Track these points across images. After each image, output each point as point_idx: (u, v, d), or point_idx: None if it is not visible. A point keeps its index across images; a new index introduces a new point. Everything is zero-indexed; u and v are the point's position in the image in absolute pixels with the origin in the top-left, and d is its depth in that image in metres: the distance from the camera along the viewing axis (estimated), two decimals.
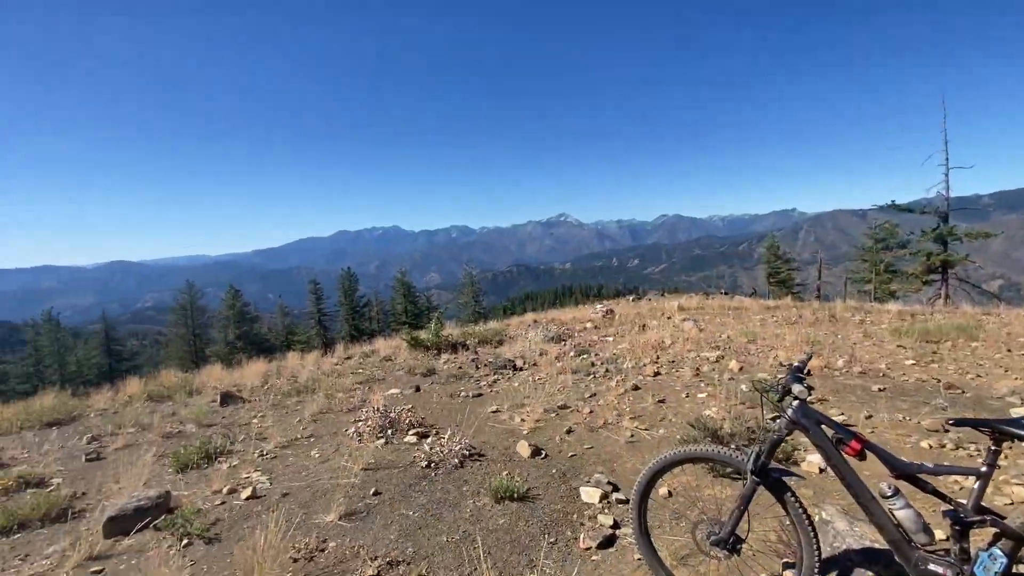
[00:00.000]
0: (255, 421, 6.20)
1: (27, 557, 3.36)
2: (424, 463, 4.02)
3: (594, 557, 2.79)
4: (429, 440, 4.53)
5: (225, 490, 3.91)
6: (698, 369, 6.46)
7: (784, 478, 2.11)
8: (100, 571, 3.00)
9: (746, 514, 2.15)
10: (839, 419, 4.45)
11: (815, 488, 3.32)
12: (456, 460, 4.02)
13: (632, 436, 4.49)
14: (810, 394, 2.04)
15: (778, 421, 2.11)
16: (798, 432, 2.11)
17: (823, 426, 2.04)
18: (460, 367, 8.30)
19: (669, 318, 11.07)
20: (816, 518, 2.64)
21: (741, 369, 6.30)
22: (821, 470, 3.55)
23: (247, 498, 3.72)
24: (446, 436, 4.44)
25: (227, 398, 7.26)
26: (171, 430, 6.06)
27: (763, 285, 30.67)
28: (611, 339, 9.41)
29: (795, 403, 2.05)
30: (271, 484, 4.00)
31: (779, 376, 5.72)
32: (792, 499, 2.08)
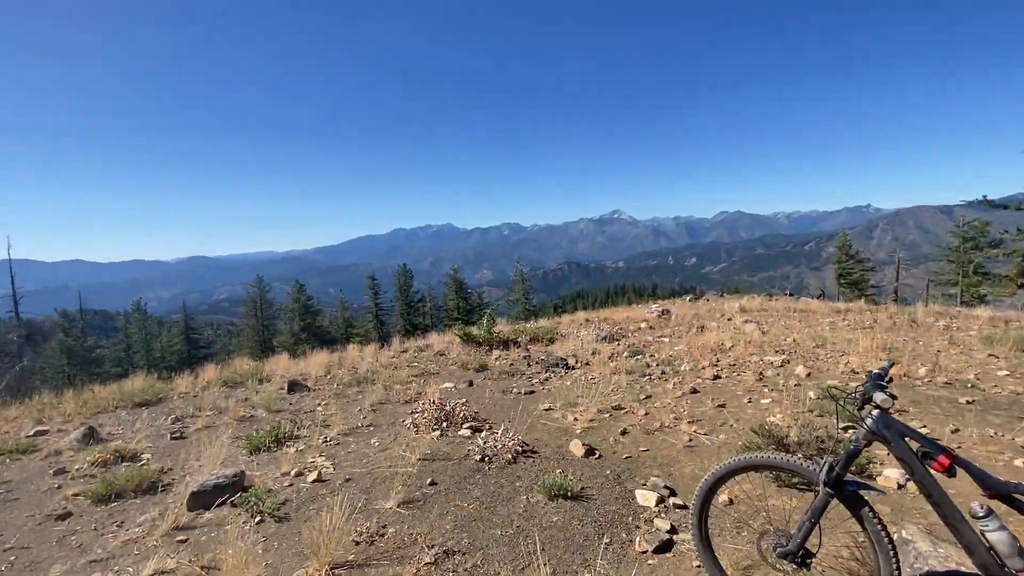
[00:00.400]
0: (319, 409, 6.53)
1: (122, 524, 3.72)
2: (478, 457, 4.09)
3: (650, 561, 2.74)
4: (483, 434, 4.59)
5: (293, 473, 4.14)
6: (761, 374, 6.18)
7: (861, 492, 1.98)
8: (185, 540, 3.27)
9: (817, 527, 2.04)
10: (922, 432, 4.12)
11: (892, 505, 3.10)
12: (509, 455, 4.06)
13: (690, 440, 4.37)
14: (893, 403, 1.91)
15: (855, 431, 1.99)
16: (875, 445, 1.97)
17: (907, 438, 1.90)
18: (512, 364, 8.36)
19: (729, 320, 10.63)
20: (896, 537, 2.46)
21: (809, 375, 5.96)
22: (900, 486, 3.31)
23: (313, 481, 3.93)
24: (499, 431, 4.49)
25: (293, 386, 7.69)
26: (244, 414, 6.50)
27: (832, 287, 28.83)
28: (667, 340, 9.17)
29: (876, 412, 1.92)
30: (334, 469, 4.20)
31: (852, 383, 5.37)
32: (870, 515, 1.95)
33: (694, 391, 5.76)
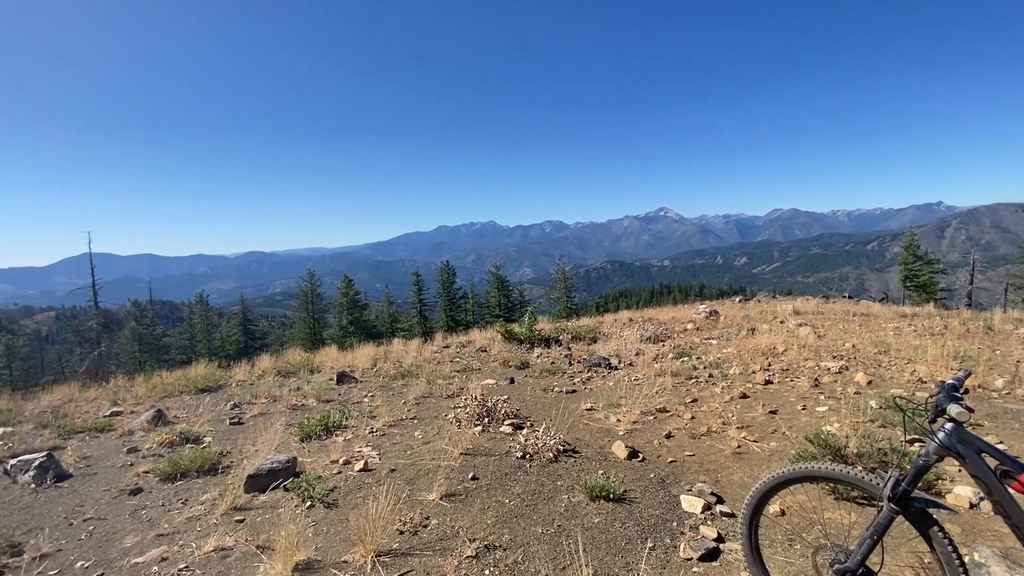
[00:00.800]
0: (366, 400, 6.73)
1: (186, 501, 3.97)
2: (519, 454, 4.10)
3: (695, 569, 2.67)
4: (524, 432, 4.60)
5: (341, 461, 4.30)
6: (817, 380, 5.88)
7: (930, 510, 1.86)
8: (242, 520, 3.46)
9: (879, 545, 1.92)
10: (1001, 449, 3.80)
11: (964, 525, 2.88)
12: (550, 454, 4.05)
13: (739, 447, 4.21)
14: (970, 417, 1.77)
15: (925, 445, 1.86)
16: (946, 460, 1.84)
17: (984, 455, 1.76)
18: (553, 362, 8.34)
19: (782, 322, 10.17)
20: (967, 559, 2.29)
21: (870, 383, 5.63)
22: (972, 505, 3.07)
23: (360, 470, 4.06)
24: (540, 429, 4.49)
25: (342, 377, 7.97)
26: (296, 403, 6.79)
27: (897, 290, 27.06)
28: (715, 342, 8.88)
29: (949, 426, 1.79)
30: (380, 459, 4.32)
31: (920, 394, 5.02)
32: (940, 535, 1.82)
33: (744, 396, 5.55)
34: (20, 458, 4.88)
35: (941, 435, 1.80)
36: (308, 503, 3.56)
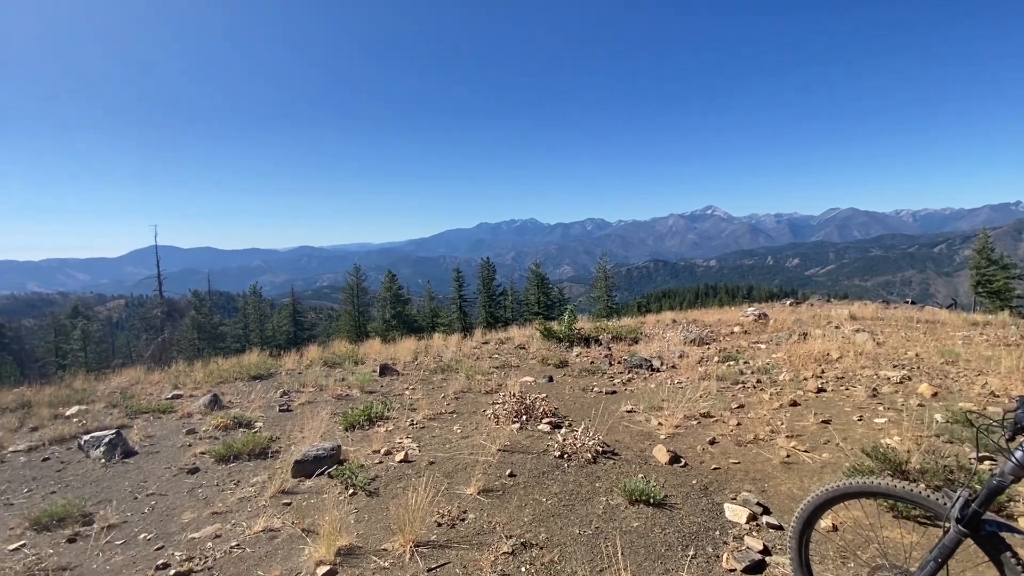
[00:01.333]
0: (407, 392, 6.88)
1: (239, 483, 4.18)
2: (557, 453, 4.08)
3: None
4: (562, 431, 4.58)
5: (383, 451, 4.41)
6: (875, 389, 5.55)
7: (1003, 533, 1.71)
8: (289, 503, 3.61)
9: (944, 568, 1.79)
10: None
11: None
12: (589, 455, 4.01)
13: (788, 456, 4.04)
14: None
15: (1000, 464, 1.71)
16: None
17: None
18: (592, 362, 8.25)
19: (837, 327, 9.65)
20: None
21: (935, 395, 5.26)
22: None
23: (400, 461, 4.15)
24: (579, 429, 4.45)
25: (385, 370, 8.17)
26: (341, 393, 7.02)
27: (967, 296, 25.17)
28: (764, 346, 8.54)
29: None
30: (420, 451, 4.40)
31: (991, 408, 4.65)
32: (1012, 561, 1.68)
33: (794, 403, 5.31)
34: (92, 434, 5.28)
35: (1019, 454, 1.65)
36: (351, 490, 3.67)
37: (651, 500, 3.28)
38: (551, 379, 7.20)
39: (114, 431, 5.26)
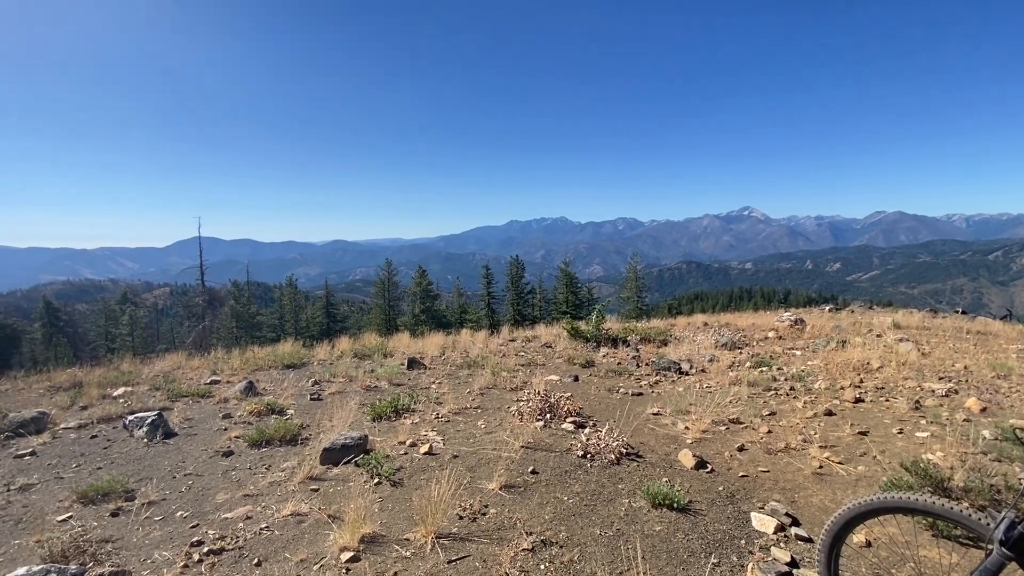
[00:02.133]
0: (433, 386, 6.97)
1: (270, 467, 4.32)
2: (580, 452, 4.06)
3: None
4: (586, 431, 4.55)
5: (408, 443, 4.48)
6: (918, 402, 5.30)
7: None
8: (316, 490, 3.71)
9: None
10: None
11: None
12: (612, 456, 3.97)
13: (821, 467, 3.90)
14: None
15: None
16: None
17: None
18: (619, 363, 8.16)
19: (879, 336, 9.25)
20: None
21: (983, 410, 4.98)
22: None
23: (424, 453, 4.21)
24: (603, 430, 4.41)
25: (412, 363, 8.30)
26: (370, 384, 7.16)
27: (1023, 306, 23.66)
28: (799, 353, 8.27)
29: None
30: (444, 445, 4.45)
31: None
32: None
33: (829, 413, 5.13)
34: (137, 415, 5.56)
35: None
36: (376, 480, 3.74)
37: (675, 504, 3.23)
38: (577, 379, 7.16)
39: (156, 413, 5.52)
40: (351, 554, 2.74)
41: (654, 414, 5.39)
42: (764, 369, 7.17)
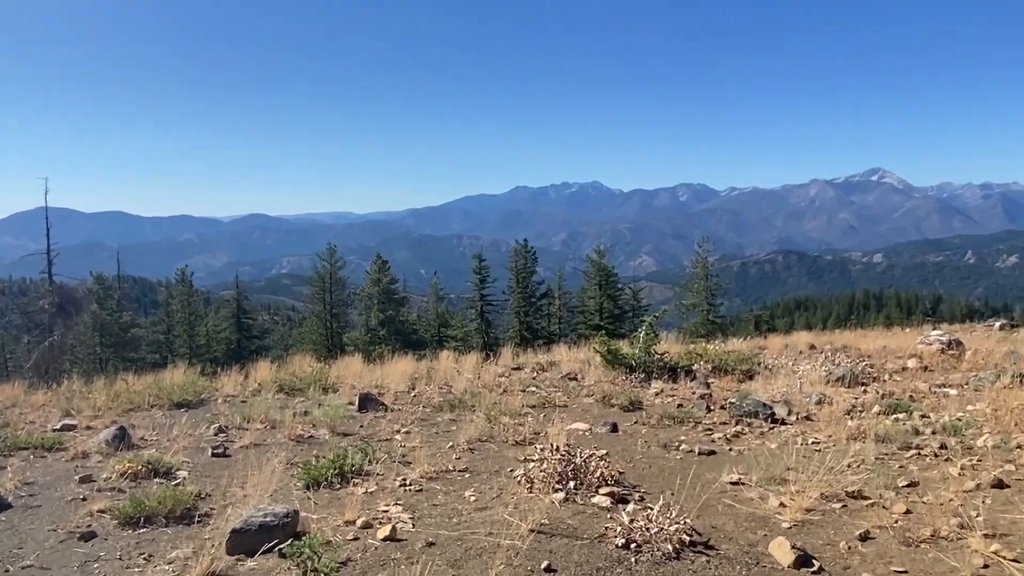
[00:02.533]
0: (398, 437, 7.03)
1: (150, 558, 4.35)
2: (620, 540, 4.08)
3: None
4: (629, 507, 4.57)
5: (359, 523, 4.50)
6: None
7: None
8: None
9: None
10: None
11: None
12: (670, 546, 3.99)
13: (986, 567, 3.91)
14: None
15: None
16: None
17: None
18: (680, 405, 8.20)
19: None
20: None
21: None
22: None
23: (384, 539, 4.23)
24: (656, 506, 4.43)
25: (366, 402, 8.36)
26: (302, 433, 7.23)
27: None
28: (954, 392, 8.31)
29: None
30: (413, 526, 4.48)
31: None
32: None
33: (999, 484, 5.15)
34: None
35: None
36: None
37: None
38: (615, 428, 7.20)
39: None
40: None
41: (732, 483, 5.41)
42: (901, 417, 7.20)
